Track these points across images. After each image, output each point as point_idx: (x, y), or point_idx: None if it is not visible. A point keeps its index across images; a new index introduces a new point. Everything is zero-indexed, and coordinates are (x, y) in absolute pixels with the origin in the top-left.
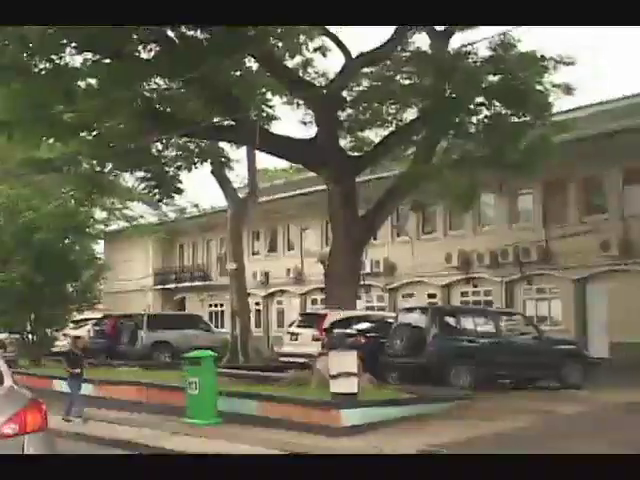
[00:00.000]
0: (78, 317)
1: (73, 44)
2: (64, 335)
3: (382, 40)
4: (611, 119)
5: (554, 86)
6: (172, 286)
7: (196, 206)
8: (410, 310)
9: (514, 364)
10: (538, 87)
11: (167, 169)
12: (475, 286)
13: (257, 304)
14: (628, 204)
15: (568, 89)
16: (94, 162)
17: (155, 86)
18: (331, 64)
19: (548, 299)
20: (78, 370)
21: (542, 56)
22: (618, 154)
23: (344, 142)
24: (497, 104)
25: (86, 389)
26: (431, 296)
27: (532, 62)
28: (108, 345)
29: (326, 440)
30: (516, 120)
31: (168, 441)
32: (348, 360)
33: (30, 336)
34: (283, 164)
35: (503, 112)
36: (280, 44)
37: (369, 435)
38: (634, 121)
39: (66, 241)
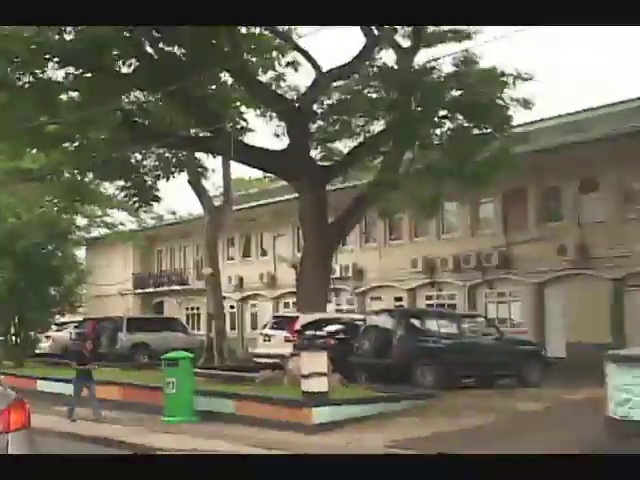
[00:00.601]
0: (60, 320)
1: (56, 59)
2: (46, 337)
3: (351, 55)
4: (568, 132)
5: (513, 100)
6: (151, 290)
7: (173, 213)
8: (378, 313)
9: (476, 364)
10: (498, 101)
11: (145, 178)
12: (439, 290)
13: (232, 307)
14: (583, 212)
15: (527, 103)
16: (76, 172)
17: (134, 99)
18: (302, 78)
19: (508, 302)
20: (88, 366)
21: (502, 72)
22: (574, 165)
23: (315, 153)
24: (460, 117)
25: (66, 389)
26: (397, 299)
27: (493, 78)
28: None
29: (298, 437)
30: (478, 132)
31: (146, 438)
32: (319, 360)
33: (14, 338)
34: (257, 174)
35: (465, 125)
36: (254, 59)
37: (339, 432)
38: (589, 134)
39: (49, 247)
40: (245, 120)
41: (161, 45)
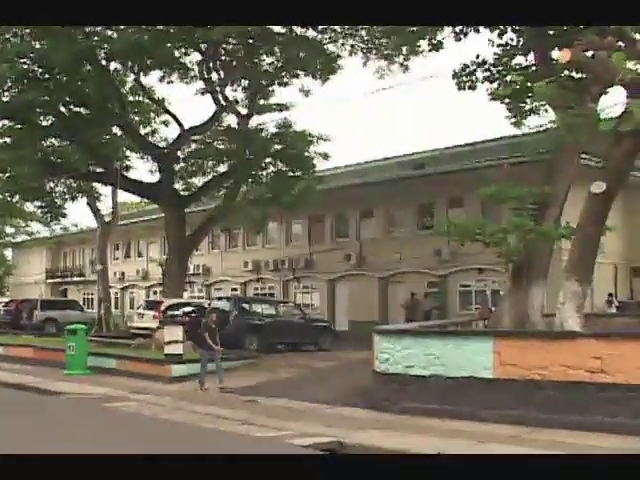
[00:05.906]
0: None
1: None
2: None
3: (205, 118)
4: (352, 176)
5: (316, 153)
6: (58, 280)
7: (76, 225)
8: (219, 299)
9: (288, 335)
10: (306, 153)
11: (56, 200)
12: (263, 283)
13: (116, 293)
14: (362, 231)
15: (326, 156)
16: (6, 194)
17: (50, 144)
18: (170, 132)
19: (310, 292)
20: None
21: (310, 133)
22: (356, 199)
23: (178, 185)
24: (280, 163)
25: None
26: (234, 290)
27: (303, 137)
28: (13, 320)
29: (161, 385)
30: (291, 174)
31: (52, 385)
32: (176, 332)
33: None
34: (136, 199)
35: (283, 169)
36: (137, 118)
37: (189, 382)
38: (366, 179)
39: None
40: (129, 160)
41: (71, 106)
